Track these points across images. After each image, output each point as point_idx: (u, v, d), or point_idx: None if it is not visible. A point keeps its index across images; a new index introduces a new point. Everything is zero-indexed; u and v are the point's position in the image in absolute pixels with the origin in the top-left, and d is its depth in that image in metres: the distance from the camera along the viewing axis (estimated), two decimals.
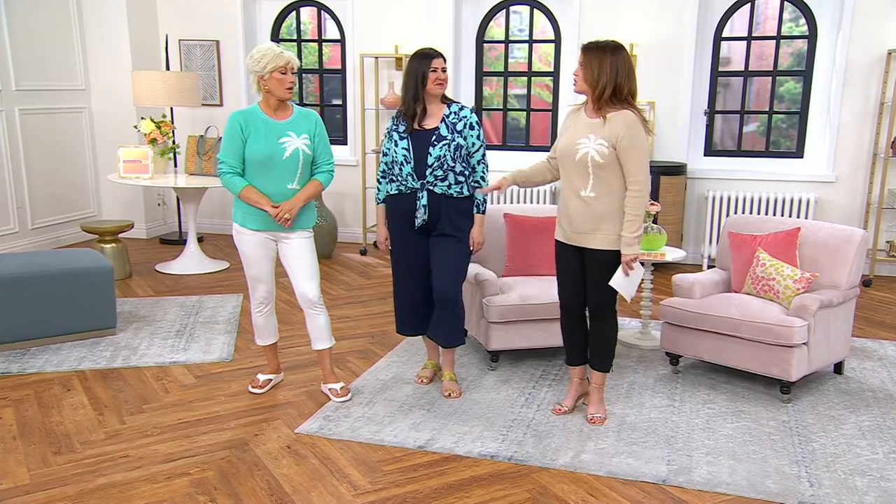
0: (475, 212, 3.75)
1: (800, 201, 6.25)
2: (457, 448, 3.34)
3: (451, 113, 3.64)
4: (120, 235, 6.10)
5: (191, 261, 6.35)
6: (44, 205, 6.95)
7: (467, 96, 7.12)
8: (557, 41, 6.87)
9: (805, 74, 6.41)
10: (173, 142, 6.53)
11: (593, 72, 3.25)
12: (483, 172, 3.74)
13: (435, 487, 3.04)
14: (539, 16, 6.90)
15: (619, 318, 3.99)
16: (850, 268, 4.00)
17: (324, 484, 3.06)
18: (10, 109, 6.51)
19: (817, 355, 3.89)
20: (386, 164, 3.74)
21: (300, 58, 7.49)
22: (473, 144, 3.66)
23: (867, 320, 5.24)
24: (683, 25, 6.39)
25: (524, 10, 6.94)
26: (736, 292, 4.22)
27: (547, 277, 4.33)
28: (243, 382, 4.05)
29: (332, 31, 7.44)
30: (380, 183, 3.81)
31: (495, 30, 7.06)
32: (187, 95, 6.45)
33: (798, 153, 6.55)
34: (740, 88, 6.57)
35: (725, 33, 6.51)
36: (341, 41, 7.35)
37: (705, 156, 6.75)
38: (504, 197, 6.79)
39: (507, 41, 7.03)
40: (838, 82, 6.18)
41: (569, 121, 3.44)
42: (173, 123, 6.72)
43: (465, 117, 3.64)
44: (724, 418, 3.66)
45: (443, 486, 3.05)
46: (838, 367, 4.23)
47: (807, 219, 5.42)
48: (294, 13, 7.47)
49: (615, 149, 3.24)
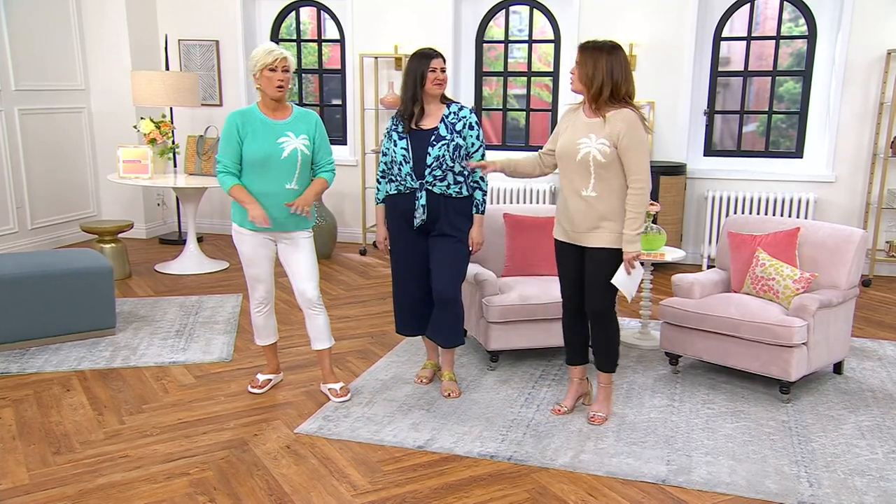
0: (474, 212, 3.74)
1: (799, 201, 6.25)
2: (456, 448, 3.34)
3: (450, 113, 3.63)
4: (119, 235, 6.09)
5: (190, 261, 6.35)
6: (43, 205, 6.95)
7: (467, 96, 7.13)
8: (557, 41, 6.87)
9: (804, 74, 6.40)
10: (173, 142, 6.53)
11: (588, 71, 3.25)
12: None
13: (434, 487, 3.04)
14: (539, 16, 6.90)
15: (619, 318, 3.98)
16: (850, 268, 4.00)
17: (323, 484, 3.06)
18: (9, 109, 6.51)
19: (817, 355, 3.89)
20: (385, 163, 3.74)
21: (299, 58, 7.49)
22: (473, 144, 3.66)
23: (867, 320, 5.24)
24: (683, 25, 6.39)
25: (524, 10, 6.94)
26: (735, 292, 4.22)
27: (547, 277, 4.33)
28: (243, 382, 4.05)
29: (331, 31, 7.44)
30: (379, 183, 3.81)
31: (495, 30, 7.06)
32: (187, 95, 6.45)
33: (797, 153, 6.55)
34: (740, 88, 6.57)
35: (725, 33, 6.51)
36: (341, 41, 7.35)
37: (705, 156, 6.74)
38: (504, 197, 6.80)
39: (506, 41, 7.02)
40: (838, 82, 6.18)
41: (566, 120, 3.44)
42: (173, 123, 6.72)
43: (465, 117, 3.64)
44: (724, 418, 3.66)
45: (442, 486, 3.05)
46: (838, 367, 4.23)
47: (806, 219, 5.42)
48: (293, 13, 7.46)
49: (616, 147, 3.24)
